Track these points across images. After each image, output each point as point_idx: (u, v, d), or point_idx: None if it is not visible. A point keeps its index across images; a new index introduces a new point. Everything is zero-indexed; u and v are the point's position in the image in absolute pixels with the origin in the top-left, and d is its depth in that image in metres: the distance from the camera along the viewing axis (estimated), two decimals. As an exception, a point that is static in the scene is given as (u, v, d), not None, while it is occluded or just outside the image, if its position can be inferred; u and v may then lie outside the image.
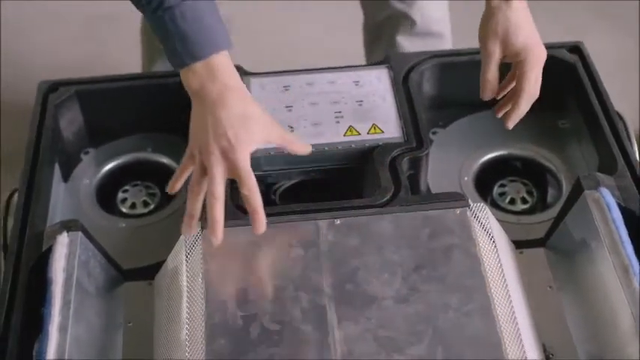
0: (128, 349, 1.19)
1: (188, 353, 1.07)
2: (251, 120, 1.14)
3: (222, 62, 1.14)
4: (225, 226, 1.17)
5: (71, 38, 2.48)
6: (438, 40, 1.84)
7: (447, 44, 1.87)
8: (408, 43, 1.82)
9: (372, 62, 1.83)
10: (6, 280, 1.17)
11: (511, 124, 1.25)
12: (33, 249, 1.20)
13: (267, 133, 1.16)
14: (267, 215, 1.19)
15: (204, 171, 1.13)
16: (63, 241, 1.18)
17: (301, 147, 1.22)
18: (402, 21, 1.81)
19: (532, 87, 1.21)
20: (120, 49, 2.31)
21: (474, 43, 1.29)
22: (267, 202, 1.34)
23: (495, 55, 1.22)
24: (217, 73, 1.13)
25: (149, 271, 1.25)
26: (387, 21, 1.83)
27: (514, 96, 1.24)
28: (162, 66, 1.82)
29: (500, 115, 1.28)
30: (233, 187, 1.25)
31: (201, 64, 1.13)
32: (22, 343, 1.11)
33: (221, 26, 1.15)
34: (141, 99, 1.45)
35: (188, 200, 1.14)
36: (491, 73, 1.23)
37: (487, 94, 1.25)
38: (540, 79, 1.22)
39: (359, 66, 1.47)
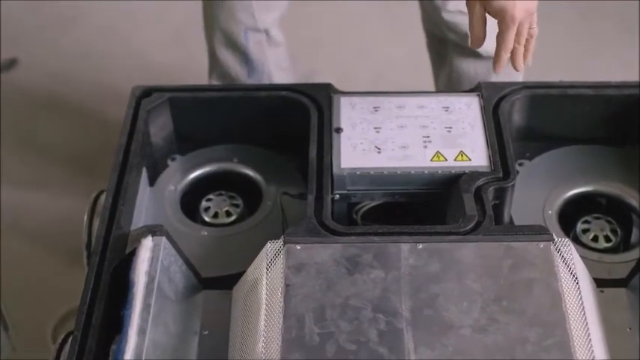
0: (203, 356, 1.20)
1: (263, 367, 1.07)
2: None
3: None
4: (307, 242, 1.19)
5: (162, 43, 2.52)
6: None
7: None
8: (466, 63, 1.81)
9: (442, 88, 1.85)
10: (89, 279, 1.18)
11: (496, 70, 1.31)
12: (117, 250, 1.22)
13: None
14: (350, 235, 1.20)
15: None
16: (147, 244, 1.20)
17: None
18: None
19: (506, 43, 1.28)
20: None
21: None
22: (350, 221, 1.34)
23: (476, 13, 1.28)
24: None
25: (227, 281, 1.26)
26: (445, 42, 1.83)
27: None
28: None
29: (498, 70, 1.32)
30: (317, 204, 1.26)
31: None
32: (101, 343, 1.13)
33: None
34: (231, 110, 1.46)
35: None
36: (475, 28, 1.29)
37: (474, 44, 1.31)
38: (525, 32, 1.28)
39: (449, 92, 1.46)
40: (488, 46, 1.30)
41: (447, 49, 1.78)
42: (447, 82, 1.82)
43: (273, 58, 1.86)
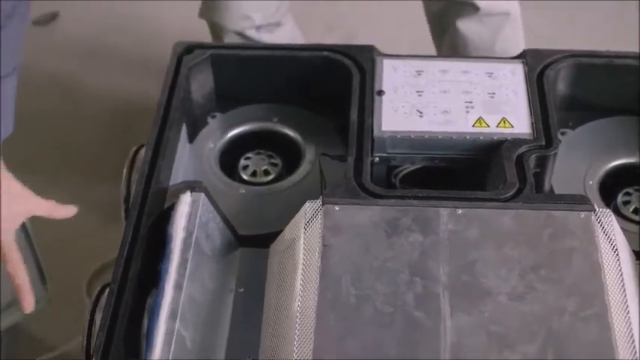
0: (237, 313, 1.21)
1: (298, 325, 1.07)
2: (16, 193, 1.14)
3: None
4: (346, 203, 1.18)
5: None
6: (503, 18, 1.80)
7: (515, 22, 1.83)
8: (470, 28, 1.79)
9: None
10: (127, 232, 1.19)
11: None
12: (155, 205, 1.23)
13: (28, 207, 1.16)
14: (389, 197, 1.19)
15: None
16: (186, 200, 1.20)
17: (64, 210, 1.22)
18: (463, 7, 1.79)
19: None
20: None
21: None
22: (388, 185, 1.34)
23: None
24: None
25: (264, 240, 1.26)
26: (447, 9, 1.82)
27: None
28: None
29: None
30: (357, 166, 1.25)
31: None
32: (137, 296, 1.14)
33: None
34: (272, 69, 1.46)
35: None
36: None
37: None
38: None
39: (494, 58, 1.45)
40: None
41: (448, 14, 1.77)
42: (451, 51, 1.80)
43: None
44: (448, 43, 1.82)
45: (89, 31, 2.49)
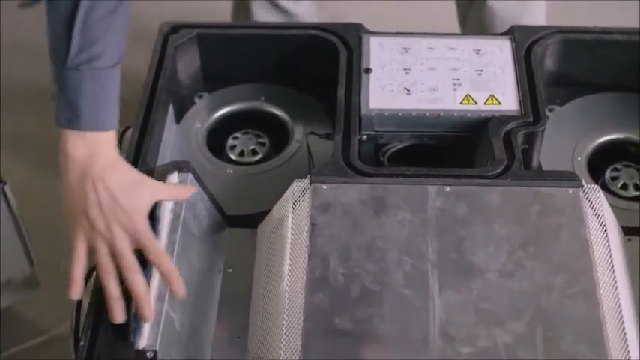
0: (226, 294, 1.21)
1: (287, 304, 1.07)
2: (137, 184, 1.11)
3: (114, 136, 1.11)
4: (334, 182, 1.18)
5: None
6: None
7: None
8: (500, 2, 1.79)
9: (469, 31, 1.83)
10: (114, 214, 1.18)
11: None
12: (143, 186, 1.22)
13: (155, 193, 1.14)
14: (377, 176, 1.19)
15: (109, 249, 1.08)
16: (173, 181, 1.19)
17: (185, 191, 1.18)
18: None
19: None
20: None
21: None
22: (376, 163, 1.33)
23: None
24: (109, 145, 1.10)
25: (252, 220, 1.26)
26: None
27: None
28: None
29: None
30: (344, 144, 1.25)
31: (98, 135, 1.08)
32: (125, 278, 1.13)
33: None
34: (259, 48, 1.45)
35: (104, 284, 1.07)
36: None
37: None
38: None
39: (481, 35, 1.45)
40: None
41: None
42: (477, 26, 1.80)
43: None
44: (474, 17, 1.80)
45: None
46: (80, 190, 1.07)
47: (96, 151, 1.08)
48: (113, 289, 1.07)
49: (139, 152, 1.25)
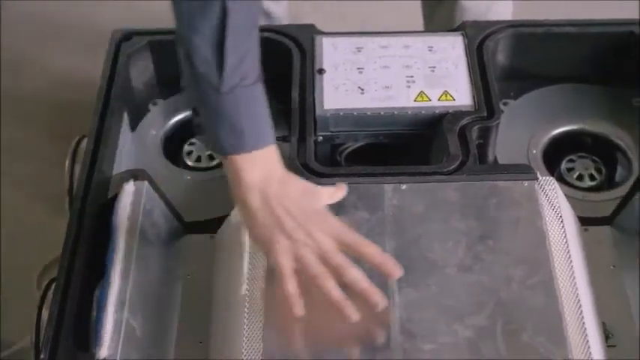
0: (186, 300, 1.20)
1: (247, 309, 1.07)
2: (311, 190, 1.09)
3: (275, 149, 1.08)
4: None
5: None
6: None
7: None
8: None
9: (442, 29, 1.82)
10: (71, 225, 1.17)
11: None
12: (99, 195, 1.21)
13: (324, 195, 1.11)
14: (333, 176, 1.19)
15: (316, 256, 1.04)
16: (129, 189, 1.19)
17: (340, 191, 1.14)
18: None
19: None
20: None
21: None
22: (333, 163, 1.33)
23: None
24: (275, 159, 1.07)
25: (211, 225, 1.25)
26: None
27: None
28: None
29: None
30: (300, 146, 1.25)
31: (263, 152, 1.05)
32: (84, 289, 1.13)
33: None
34: (212, 53, 1.45)
35: (328, 291, 1.03)
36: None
37: None
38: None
39: (433, 31, 1.45)
40: None
41: None
42: (446, 24, 1.79)
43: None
44: (443, 14, 1.80)
45: (29, 19, 2.45)
46: (266, 211, 1.04)
47: (268, 168, 1.05)
48: (335, 291, 1.03)
49: (94, 161, 1.24)
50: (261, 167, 1.04)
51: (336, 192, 1.13)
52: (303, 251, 1.04)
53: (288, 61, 1.38)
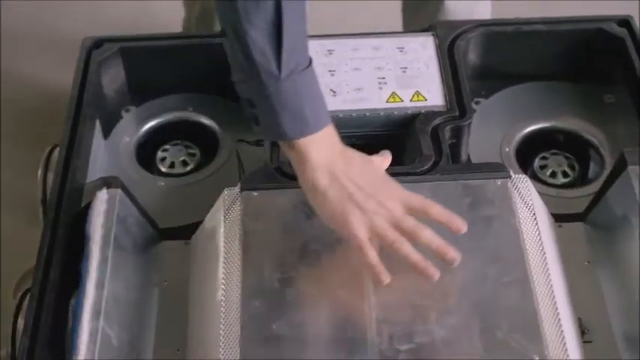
0: (163, 307, 1.20)
1: (223, 314, 1.07)
2: (369, 161, 1.14)
3: (333, 126, 1.12)
4: (264, 188, 1.18)
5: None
6: None
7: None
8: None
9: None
10: (45, 234, 1.17)
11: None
12: (72, 204, 1.21)
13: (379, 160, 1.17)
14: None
15: (389, 223, 1.08)
16: (102, 197, 1.18)
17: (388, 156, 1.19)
18: None
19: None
20: (165, 8, 2.30)
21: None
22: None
23: None
24: (334, 135, 1.11)
25: (186, 231, 1.25)
26: None
27: None
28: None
29: None
30: (273, 150, 1.25)
31: (325, 131, 1.09)
32: (59, 298, 1.12)
33: None
34: (184, 58, 1.45)
35: (404, 253, 1.07)
36: None
37: None
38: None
39: (404, 32, 1.45)
40: None
41: None
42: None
43: None
44: (425, 18, 1.81)
45: (10, 17, 2.43)
46: (336, 187, 1.08)
47: (330, 146, 1.10)
48: (415, 254, 1.07)
49: (67, 170, 1.24)
50: (325, 146, 1.08)
51: (385, 159, 1.17)
52: (376, 220, 1.07)
53: (259, 65, 1.37)
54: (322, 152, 1.08)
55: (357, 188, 1.08)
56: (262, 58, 1.03)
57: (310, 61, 1.08)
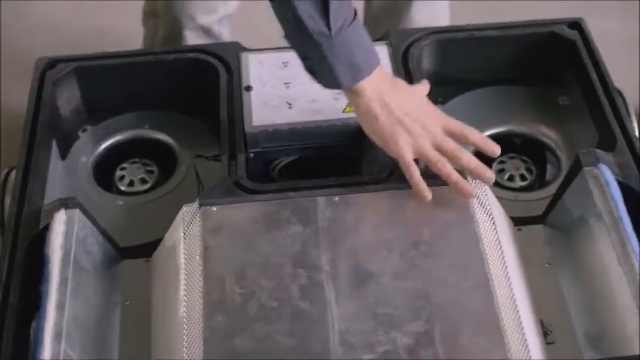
0: (126, 326, 1.19)
1: (186, 330, 1.06)
2: (413, 89, 1.27)
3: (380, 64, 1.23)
4: (223, 203, 1.18)
5: (71, 14, 2.47)
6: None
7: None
8: (421, 15, 1.82)
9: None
10: (3, 257, 1.16)
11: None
12: (30, 226, 1.20)
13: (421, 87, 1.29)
14: (265, 192, 1.20)
15: (432, 145, 1.20)
16: (60, 218, 1.18)
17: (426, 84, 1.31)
18: None
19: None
20: (121, 26, 2.30)
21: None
22: (266, 178, 1.34)
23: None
24: (383, 71, 1.22)
25: (147, 249, 1.25)
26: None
27: None
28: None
29: None
30: (231, 164, 1.25)
31: (375, 71, 1.20)
32: (20, 321, 1.11)
33: None
34: (139, 76, 1.44)
35: (446, 172, 1.18)
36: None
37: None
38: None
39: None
40: None
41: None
42: None
43: None
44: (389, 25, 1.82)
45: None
46: (387, 114, 1.19)
47: (381, 80, 1.21)
48: (455, 173, 1.18)
49: (24, 192, 1.23)
50: (376, 82, 1.20)
51: (425, 86, 1.29)
52: (421, 142, 1.19)
53: (215, 80, 1.38)
54: (374, 87, 1.19)
55: (405, 114, 1.20)
56: (312, 22, 1.13)
57: (355, 13, 1.17)
